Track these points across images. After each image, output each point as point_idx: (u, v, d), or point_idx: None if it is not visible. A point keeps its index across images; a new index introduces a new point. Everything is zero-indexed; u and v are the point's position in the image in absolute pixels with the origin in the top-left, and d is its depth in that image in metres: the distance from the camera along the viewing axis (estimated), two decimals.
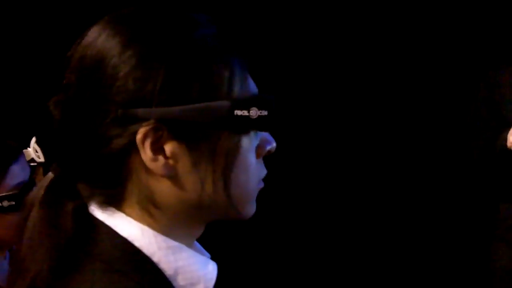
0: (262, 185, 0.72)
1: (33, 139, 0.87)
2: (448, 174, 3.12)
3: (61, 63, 0.69)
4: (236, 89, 0.65)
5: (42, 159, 0.87)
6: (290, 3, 3.04)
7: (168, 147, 0.62)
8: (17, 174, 1.29)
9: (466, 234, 3.09)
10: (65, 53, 0.69)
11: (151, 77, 0.61)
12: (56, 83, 0.69)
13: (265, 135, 0.71)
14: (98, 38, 0.64)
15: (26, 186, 1.29)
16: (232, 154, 0.65)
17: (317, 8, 3.08)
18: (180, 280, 0.65)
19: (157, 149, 0.62)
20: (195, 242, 0.73)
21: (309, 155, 3.18)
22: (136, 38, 0.63)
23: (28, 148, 0.70)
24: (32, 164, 1.23)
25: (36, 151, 0.87)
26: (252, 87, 0.68)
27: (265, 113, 0.65)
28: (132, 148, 0.62)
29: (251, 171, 0.68)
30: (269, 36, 2.97)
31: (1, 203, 1.25)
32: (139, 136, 0.61)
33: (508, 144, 2.12)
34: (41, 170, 1.26)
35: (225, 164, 0.65)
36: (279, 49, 3.01)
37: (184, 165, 0.64)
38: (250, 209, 0.71)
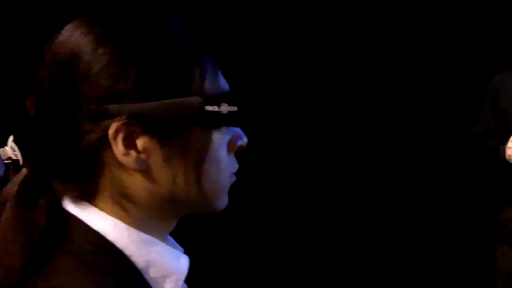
0: (234, 179, 0.74)
1: (10, 138, 0.87)
2: (453, 176, 3.14)
3: (36, 61, 0.70)
4: (207, 86, 0.66)
5: (19, 158, 0.87)
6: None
7: (140, 142, 0.64)
8: None
9: (470, 236, 3.12)
10: (40, 52, 0.70)
11: (124, 73, 0.63)
12: (32, 81, 0.70)
13: (237, 130, 0.73)
14: (72, 36, 0.66)
15: (1, 182, 1.28)
16: (204, 148, 0.67)
17: (290, 4, 3.10)
18: (152, 273, 0.66)
19: (129, 144, 0.64)
20: (168, 236, 0.75)
21: (296, 151, 3.20)
22: (109, 36, 0.64)
23: (6, 147, 0.71)
24: (6, 162, 1.23)
25: (14, 150, 0.87)
26: (223, 83, 0.70)
27: (235, 109, 0.67)
28: (104, 143, 0.64)
29: (223, 165, 0.70)
30: (245, 34, 2.99)
31: None
32: (111, 131, 0.63)
33: (507, 157, 2.15)
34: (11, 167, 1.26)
35: (197, 158, 0.66)
36: (256, 46, 3.03)
37: (156, 160, 0.65)
38: (222, 202, 0.72)
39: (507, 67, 2.35)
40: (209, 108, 0.65)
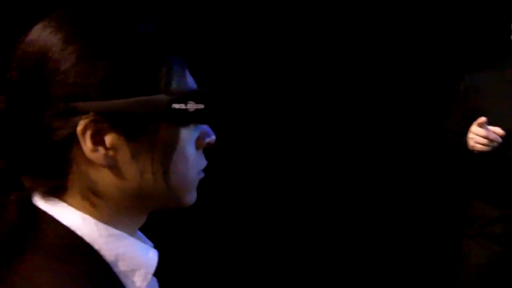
0: (202, 175, 0.76)
1: None
2: (422, 172, 3.19)
3: (6, 60, 0.71)
4: (174, 84, 0.68)
5: None
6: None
7: (108, 139, 0.66)
8: None
9: (438, 231, 3.16)
10: (10, 50, 0.71)
11: (92, 71, 0.64)
12: (2, 79, 0.71)
13: (205, 128, 0.75)
14: (41, 35, 0.67)
15: None
16: (171, 145, 0.68)
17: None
18: (121, 266, 0.68)
19: (98, 140, 0.65)
20: (138, 231, 0.76)
21: (266, 149, 3.22)
22: (78, 34, 0.66)
23: None
24: None
25: None
26: (190, 82, 0.72)
27: (202, 106, 0.69)
28: (73, 140, 0.65)
29: (191, 162, 0.72)
30: (213, 32, 3.00)
31: None
32: (79, 128, 0.64)
33: (470, 147, 2.19)
34: None
35: (164, 155, 0.68)
36: (224, 44, 3.05)
37: (124, 156, 0.67)
38: (191, 197, 0.74)
39: (479, 67, 2.40)
40: (176, 105, 0.67)
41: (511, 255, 2.31)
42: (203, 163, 0.76)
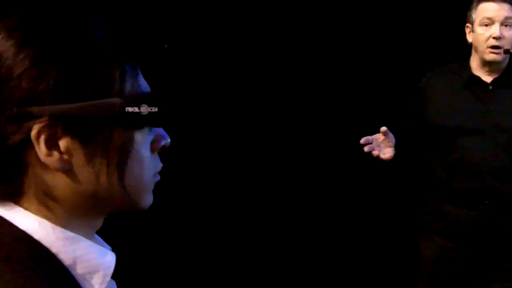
0: (158, 178, 0.77)
1: None
2: (378, 171, 3.25)
3: None
4: (127, 87, 0.69)
5: None
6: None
7: (63, 143, 0.66)
8: None
9: (397, 228, 3.24)
10: None
11: (45, 76, 0.65)
12: None
13: (159, 131, 0.76)
14: None
15: None
16: (125, 148, 0.69)
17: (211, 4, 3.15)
18: (78, 269, 0.68)
19: (52, 144, 0.66)
20: (96, 235, 0.77)
21: (217, 151, 3.24)
22: (30, 40, 0.66)
23: None
24: None
25: None
26: (143, 85, 0.73)
27: (155, 109, 0.70)
28: (28, 144, 0.65)
29: (146, 164, 0.73)
30: (166, 36, 3.02)
31: None
32: (33, 133, 0.65)
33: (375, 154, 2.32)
34: None
35: (119, 158, 0.69)
36: (178, 47, 3.06)
37: (78, 159, 0.67)
38: (147, 200, 0.75)
39: (439, 69, 2.50)
40: (129, 109, 0.68)
41: (458, 251, 2.41)
42: (159, 166, 0.77)
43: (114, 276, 0.74)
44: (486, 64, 2.31)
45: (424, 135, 2.47)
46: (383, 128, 2.32)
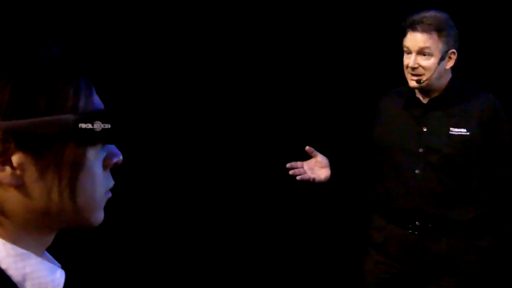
0: (109, 195, 0.77)
1: None
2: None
3: None
4: (81, 104, 0.70)
5: None
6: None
7: (15, 158, 0.66)
8: None
9: (344, 243, 3.32)
10: None
11: None
12: None
13: (112, 148, 0.76)
14: None
15: None
16: (78, 164, 0.70)
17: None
18: (28, 286, 0.68)
19: (4, 160, 0.66)
20: (46, 252, 0.76)
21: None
22: None
23: None
24: None
25: None
26: (97, 102, 0.74)
27: (108, 126, 0.71)
28: None
29: (98, 181, 0.73)
30: (119, 52, 3.02)
31: None
32: None
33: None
34: None
35: (71, 174, 0.69)
36: (132, 63, 3.07)
37: (31, 175, 0.67)
38: (98, 217, 0.76)
39: (392, 91, 2.59)
40: (82, 125, 0.69)
41: (389, 265, 2.50)
42: (110, 183, 0.77)
43: None
44: (416, 88, 2.38)
45: (372, 153, 2.56)
46: (308, 148, 2.44)
